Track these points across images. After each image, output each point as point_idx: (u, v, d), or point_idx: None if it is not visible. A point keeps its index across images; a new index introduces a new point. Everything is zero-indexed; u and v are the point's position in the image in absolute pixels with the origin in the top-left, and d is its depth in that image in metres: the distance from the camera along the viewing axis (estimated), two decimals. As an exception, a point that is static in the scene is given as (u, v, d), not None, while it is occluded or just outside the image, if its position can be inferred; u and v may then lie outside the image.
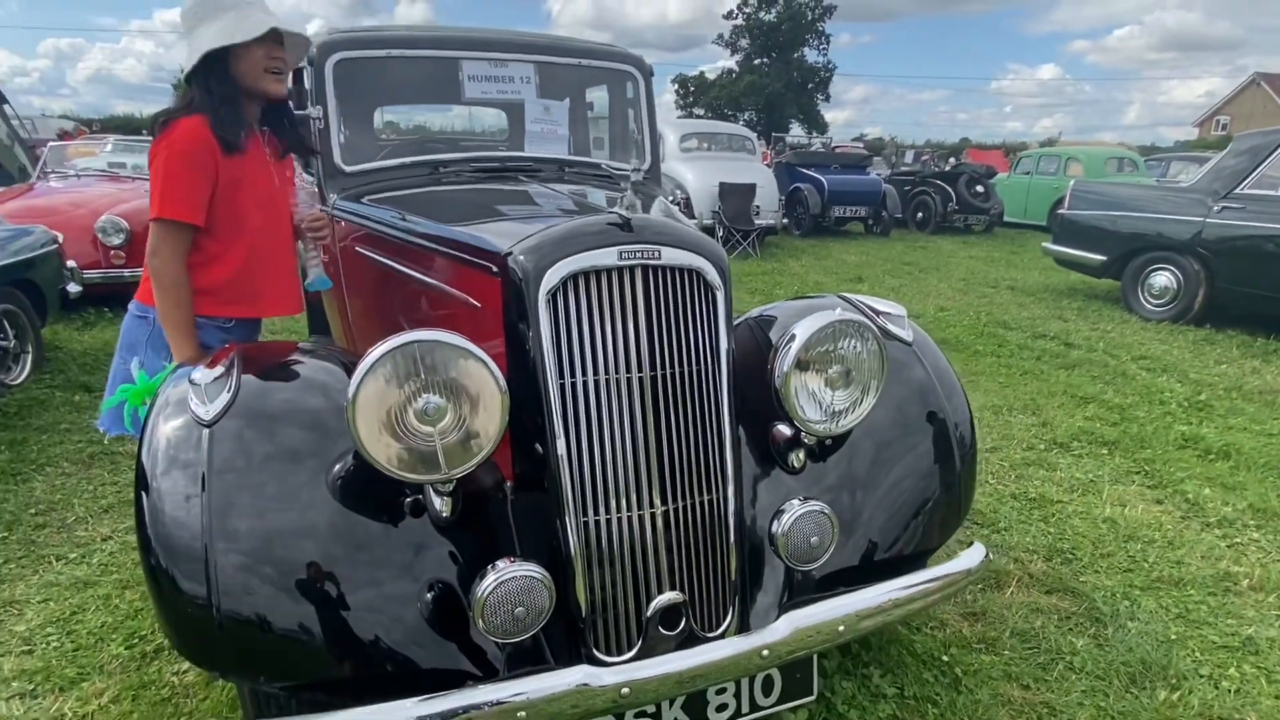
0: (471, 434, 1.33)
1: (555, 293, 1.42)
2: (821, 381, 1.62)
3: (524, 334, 1.45)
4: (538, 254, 1.44)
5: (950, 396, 1.90)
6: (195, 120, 1.78)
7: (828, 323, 1.57)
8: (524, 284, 1.44)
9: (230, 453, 1.35)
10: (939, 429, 1.86)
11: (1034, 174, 14.00)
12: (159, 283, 1.81)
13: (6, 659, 2.01)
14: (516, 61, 2.77)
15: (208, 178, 1.79)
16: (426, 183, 2.58)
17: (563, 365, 1.42)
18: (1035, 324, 6.09)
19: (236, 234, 1.91)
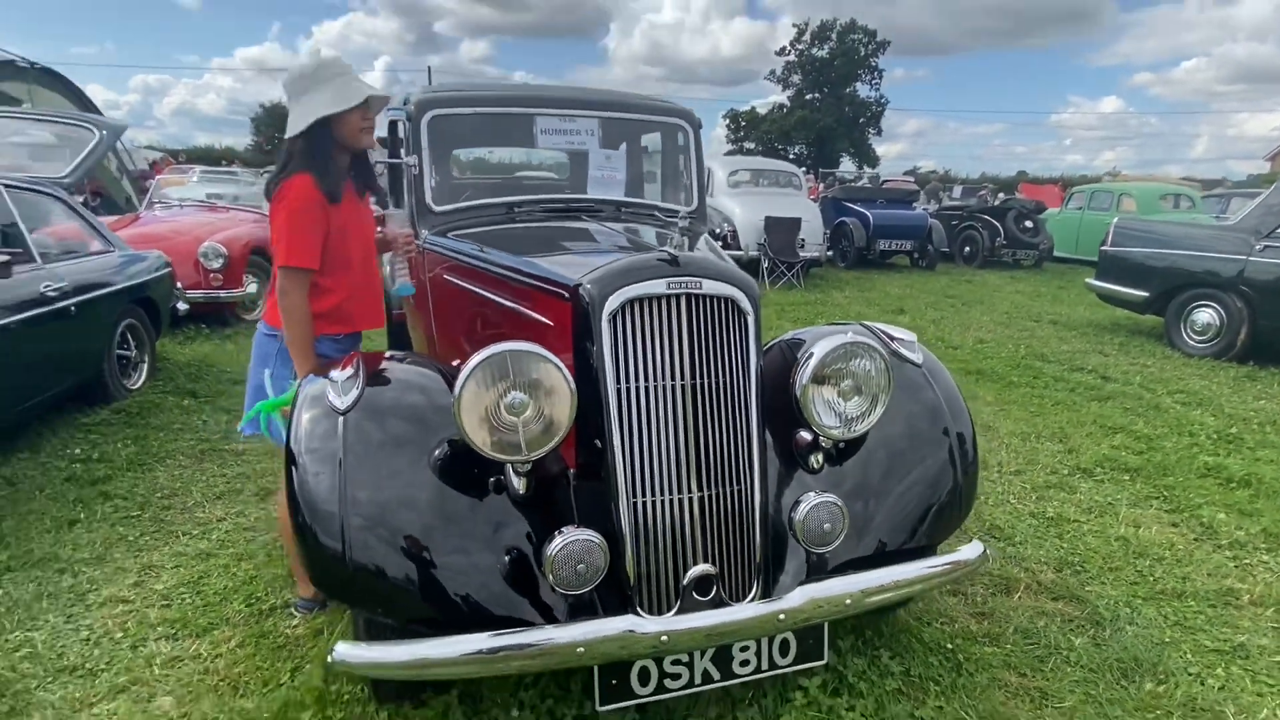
0: (547, 423, 1.68)
1: (615, 315, 1.77)
2: (835, 393, 1.92)
3: (589, 348, 1.80)
4: (602, 284, 1.80)
5: (955, 413, 2.17)
6: (304, 179, 2.14)
7: (841, 344, 1.89)
8: (590, 308, 1.79)
9: (358, 436, 1.73)
10: (944, 441, 2.13)
11: (1086, 209, 13.94)
12: (288, 317, 2.18)
13: (152, 609, 2.42)
14: (583, 117, 3.18)
15: (320, 228, 2.16)
16: (503, 220, 2.99)
17: (619, 373, 1.76)
18: (1074, 358, 6.21)
19: (343, 270, 2.28)
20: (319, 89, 2.15)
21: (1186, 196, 13.79)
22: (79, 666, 2.14)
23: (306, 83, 2.16)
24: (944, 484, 2.10)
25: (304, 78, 2.16)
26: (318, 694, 1.97)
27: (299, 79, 2.17)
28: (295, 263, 2.13)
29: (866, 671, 2.13)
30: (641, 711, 1.94)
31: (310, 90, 2.15)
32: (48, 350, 3.64)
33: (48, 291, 3.63)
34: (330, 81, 2.16)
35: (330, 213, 2.19)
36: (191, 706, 1.98)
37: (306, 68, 2.17)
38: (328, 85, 2.16)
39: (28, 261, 3.68)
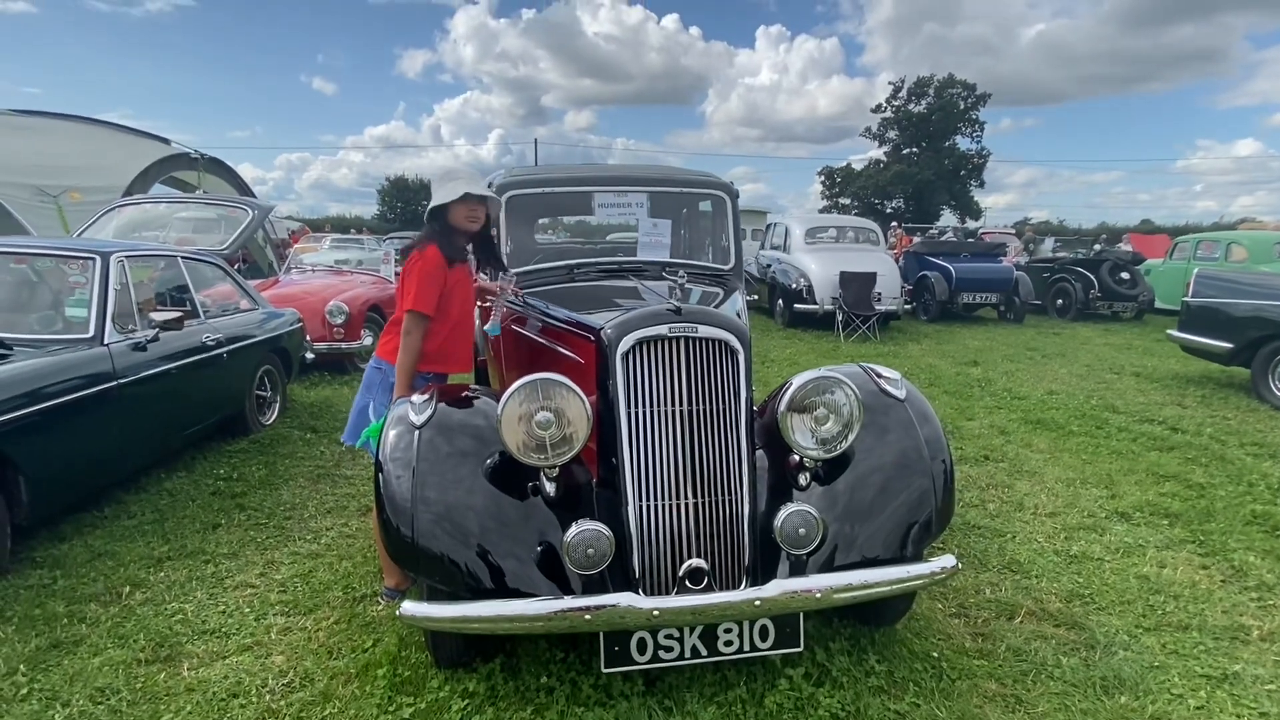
0: (567, 436, 2.14)
1: (628, 354, 2.24)
2: (812, 420, 2.30)
3: (608, 380, 2.27)
4: (618, 329, 2.27)
5: (936, 446, 2.47)
6: (434, 248, 2.76)
7: (814, 378, 2.27)
8: (609, 348, 2.27)
9: (429, 448, 2.25)
10: (921, 467, 2.44)
11: (1192, 259, 13.34)
12: (405, 350, 2.76)
13: (272, 593, 3.01)
14: (633, 192, 3.72)
15: (440, 285, 2.75)
16: (564, 279, 3.54)
17: (631, 400, 2.22)
18: (1147, 410, 6.12)
19: (445, 320, 2.85)
20: (441, 185, 2.80)
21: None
22: (217, 630, 2.73)
23: (441, 178, 2.83)
24: (924, 506, 2.40)
25: (442, 174, 2.86)
26: (392, 657, 2.47)
27: (440, 175, 2.87)
28: (420, 308, 2.72)
29: (851, 669, 2.42)
30: (649, 686, 2.32)
31: (445, 183, 2.81)
32: (205, 389, 4.46)
33: (207, 341, 4.48)
34: (449, 181, 2.80)
35: (448, 276, 2.78)
36: (297, 662, 2.52)
37: (443, 168, 2.87)
38: (446, 183, 2.79)
39: (194, 317, 4.55)
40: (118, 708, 2.26)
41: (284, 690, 2.37)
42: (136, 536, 3.50)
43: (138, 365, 3.75)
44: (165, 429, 4.13)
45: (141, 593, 2.99)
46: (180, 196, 8.30)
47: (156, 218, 7.52)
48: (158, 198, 8.13)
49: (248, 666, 2.50)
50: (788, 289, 10.72)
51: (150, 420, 3.93)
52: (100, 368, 3.51)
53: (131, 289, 3.98)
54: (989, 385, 7.06)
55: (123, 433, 3.69)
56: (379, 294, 8.03)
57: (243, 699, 2.32)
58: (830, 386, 2.29)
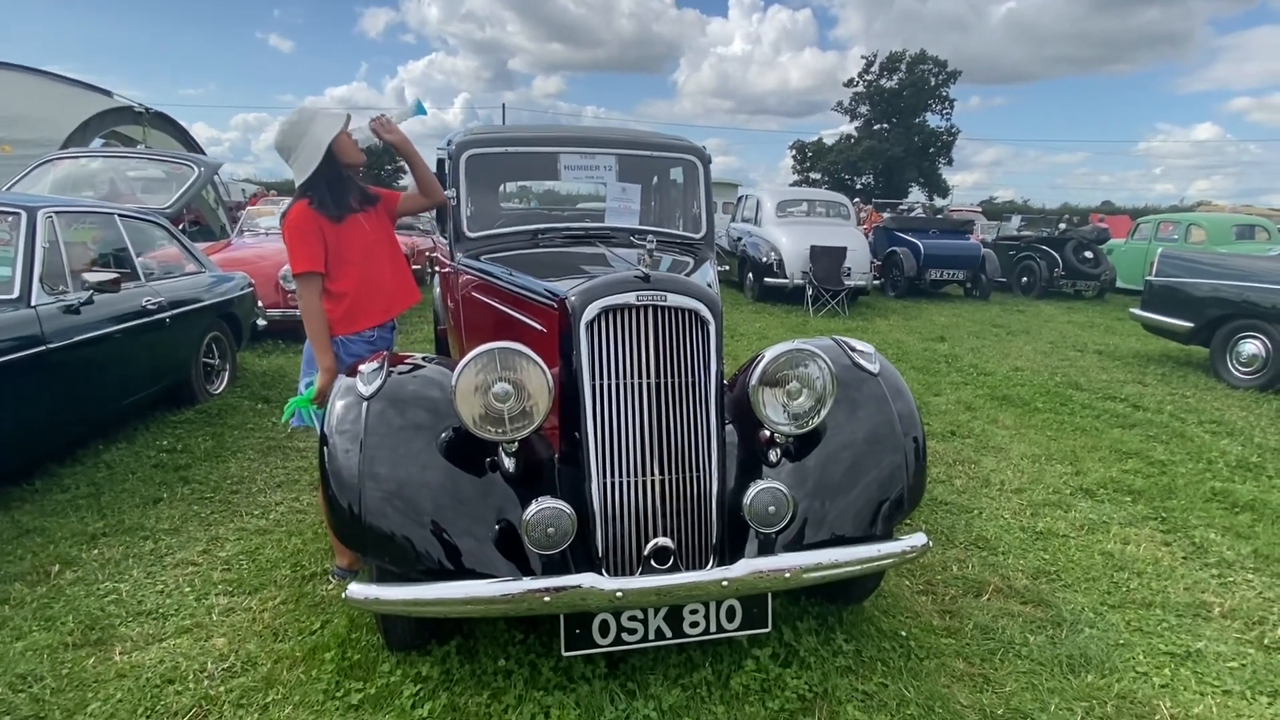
0: (527, 409, 2.02)
1: (593, 322, 2.11)
2: (784, 394, 2.20)
3: (571, 350, 2.14)
4: (582, 296, 2.14)
5: (909, 421, 2.40)
6: (300, 204, 2.57)
7: (786, 349, 2.17)
8: (573, 316, 2.13)
9: (378, 420, 2.10)
10: (893, 443, 2.36)
11: (1153, 240, 13.58)
12: (305, 316, 2.60)
13: (215, 571, 2.85)
14: (601, 154, 3.56)
15: (317, 239, 2.56)
16: (528, 245, 3.38)
17: (595, 372, 2.09)
18: (1109, 387, 6.19)
19: (346, 275, 2.64)
20: (306, 132, 2.57)
21: (1262, 227, 13.26)
22: (154, 611, 2.57)
23: (303, 128, 2.58)
24: (895, 483, 2.33)
25: (297, 125, 2.58)
26: (340, 640, 2.35)
27: (293, 128, 2.58)
28: (304, 268, 2.56)
29: (819, 649, 2.36)
30: (612, 669, 2.23)
31: (303, 136, 2.57)
32: (145, 356, 4.22)
33: (148, 305, 4.23)
34: (315, 119, 2.58)
35: (328, 229, 2.59)
36: (240, 645, 2.38)
37: (292, 118, 2.60)
38: (314, 124, 2.58)
39: (134, 280, 4.28)
40: (40, 695, 2.11)
41: (224, 675, 2.23)
42: (69, 511, 3.29)
43: (69, 329, 3.51)
44: (101, 398, 3.90)
45: (72, 571, 2.81)
46: (121, 151, 7.84)
47: (95, 174, 7.10)
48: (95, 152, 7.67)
49: (185, 650, 2.35)
50: (758, 262, 10.63)
51: (84, 388, 3.69)
52: (26, 331, 3.27)
53: (63, 248, 3.72)
54: (956, 361, 7.08)
55: (54, 401, 3.46)
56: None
57: (179, 685, 2.18)
58: (804, 359, 2.19)
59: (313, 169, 2.57)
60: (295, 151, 2.59)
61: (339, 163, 2.65)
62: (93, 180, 7.13)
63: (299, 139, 2.59)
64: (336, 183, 2.63)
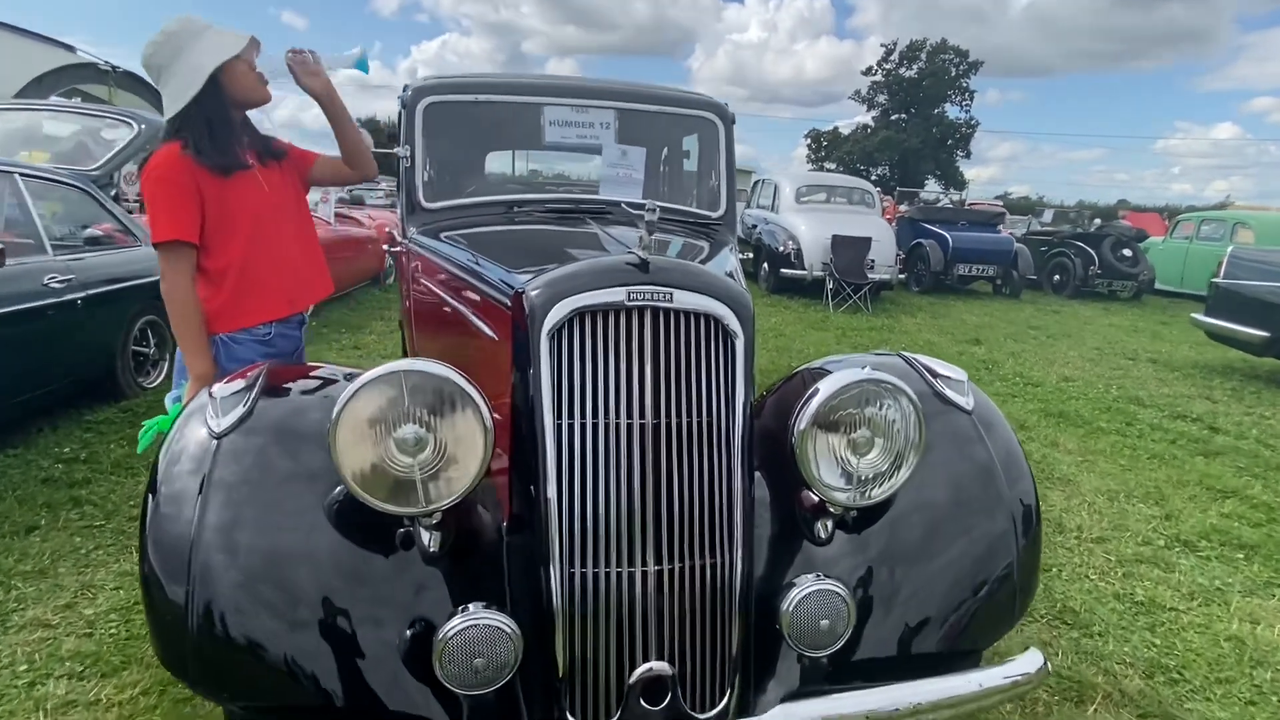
0: (452, 468, 1.30)
1: (560, 330, 1.39)
2: (846, 445, 1.48)
3: (527, 372, 1.42)
4: (546, 291, 1.42)
5: (1014, 476, 1.69)
6: (169, 148, 1.86)
7: (855, 381, 1.44)
8: (530, 320, 1.41)
9: (234, 468, 1.39)
10: (997, 511, 1.65)
11: (1194, 239, 12.73)
12: (168, 303, 1.90)
13: (69, 639, 2.16)
14: (597, 107, 2.82)
15: (191, 197, 1.85)
16: (500, 221, 2.64)
17: (560, 405, 1.37)
18: (1175, 403, 5.44)
19: (228, 249, 1.95)
20: (192, 46, 1.85)
21: (1315, 228, 12.41)
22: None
23: (180, 43, 1.85)
24: (995, 568, 1.62)
25: (174, 38, 1.86)
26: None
27: (167, 42, 1.86)
28: (169, 236, 1.85)
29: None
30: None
31: (185, 50, 1.85)
32: (47, 344, 3.52)
33: (52, 283, 3.52)
34: (201, 36, 1.87)
35: (206, 183, 1.88)
36: (60, 770, 1.68)
37: (170, 27, 1.87)
38: (201, 39, 1.86)
39: (37, 253, 3.58)
40: None
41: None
42: (-90, 543, 2.61)
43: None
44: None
45: (-126, 637, 2.12)
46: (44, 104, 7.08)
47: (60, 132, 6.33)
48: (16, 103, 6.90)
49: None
50: (774, 252, 9.87)
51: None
52: None
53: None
54: (997, 368, 6.33)
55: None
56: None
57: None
58: (880, 395, 1.46)
59: (187, 99, 1.85)
60: (167, 73, 1.87)
61: (228, 97, 1.93)
62: (56, 139, 6.39)
63: (173, 57, 1.88)
64: (222, 125, 1.92)
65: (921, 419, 1.46)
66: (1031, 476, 1.73)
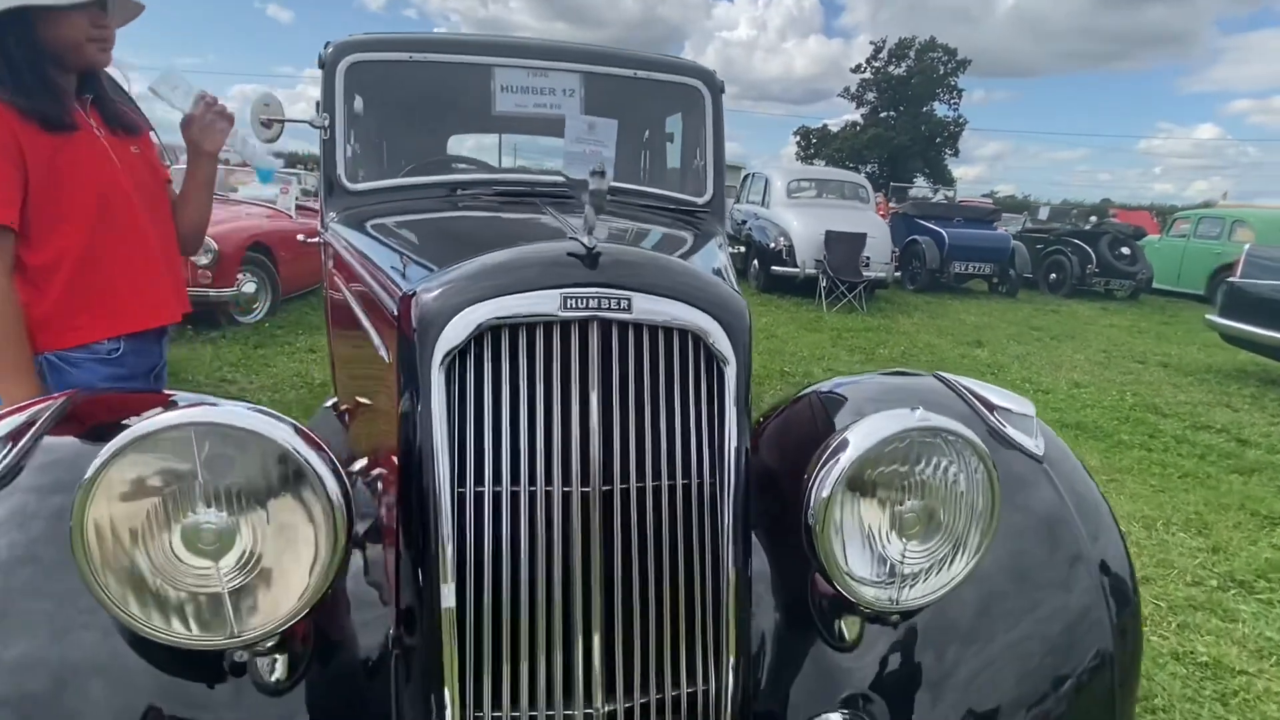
0: (276, 577, 0.84)
1: (462, 353, 0.93)
2: (885, 519, 1.02)
3: (414, 412, 0.96)
4: (440, 295, 0.96)
5: (1101, 540, 1.25)
6: None
7: (901, 430, 0.98)
8: (417, 340, 0.95)
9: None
10: (1081, 585, 1.21)
11: (1191, 237, 12.43)
12: None
13: None
14: (559, 70, 2.35)
15: (14, 164, 1.39)
16: (440, 207, 2.16)
17: (462, 465, 0.92)
18: (1196, 412, 5.05)
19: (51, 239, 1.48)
20: None
21: (1315, 227, 12.13)
22: None
23: None
24: (1084, 665, 1.19)
25: None
26: None
27: None
28: None
29: None
30: None
31: None
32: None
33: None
34: None
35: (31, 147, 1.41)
36: None
37: None
38: None
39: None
40: None
41: None
42: None
43: None
44: None
45: None
46: None
47: None
48: None
49: None
50: (765, 248, 9.43)
51: None
52: None
53: None
54: (1003, 373, 5.93)
55: None
56: (270, 228, 6.54)
57: None
58: (936, 451, 1.01)
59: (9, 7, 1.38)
60: None
61: (44, 41, 1.45)
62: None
63: None
64: (33, 64, 1.44)
65: (996, 484, 1.01)
66: (1123, 539, 1.29)
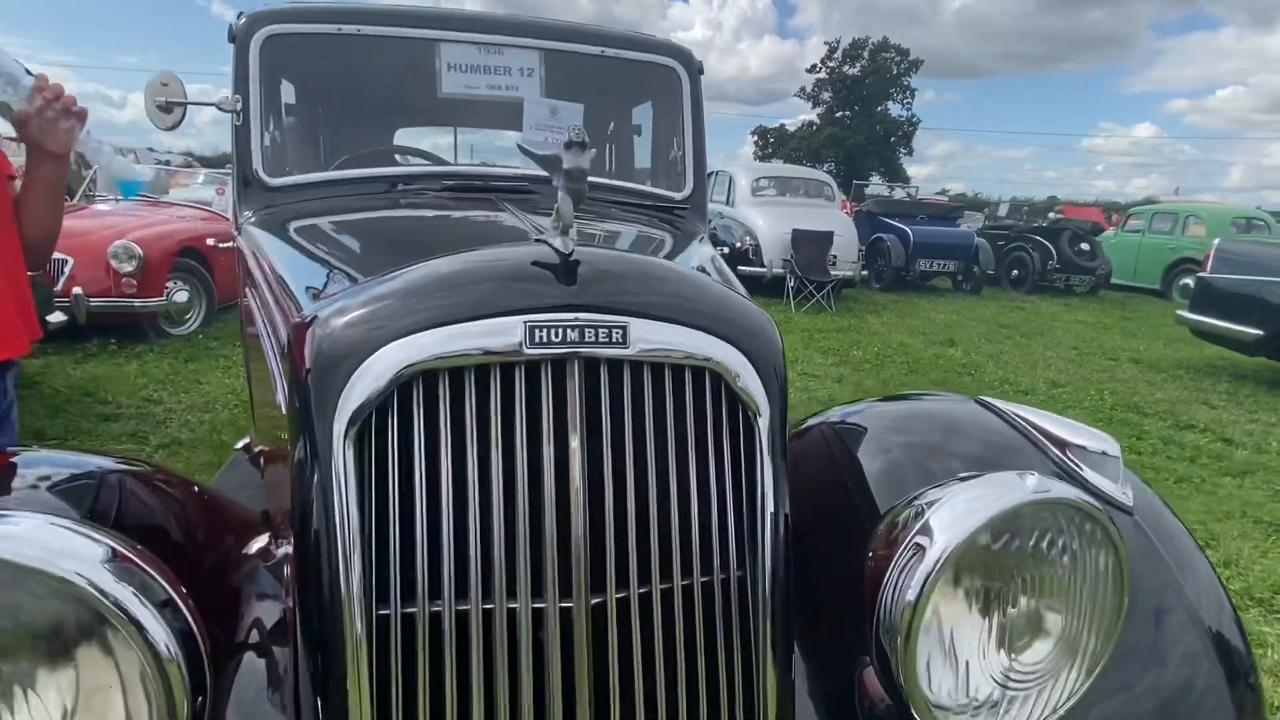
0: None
1: (380, 411, 0.63)
2: (985, 628, 0.75)
3: (311, 496, 0.66)
4: (351, 325, 0.66)
5: (1209, 606, 1.01)
6: None
7: (1015, 506, 0.71)
8: (312, 386, 0.65)
9: None
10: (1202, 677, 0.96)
11: (1146, 232, 12.61)
12: None
13: None
14: (515, 47, 2.05)
15: None
16: (376, 205, 1.84)
17: (382, 575, 0.62)
18: (1176, 410, 4.95)
19: None
20: None
21: (1260, 221, 12.41)
22: None
23: None
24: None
25: None
26: None
27: None
28: None
29: None
30: None
31: None
32: None
33: None
34: None
35: None
36: None
37: None
38: None
39: None
40: None
41: None
42: None
43: None
44: None
45: None
46: None
47: None
48: None
49: None
50: (731, 248, 9.20)
51: None
52: None
53: None
54: (979, 373, 5.78)
55: None
56: (204, 231, 6.05)
57: None
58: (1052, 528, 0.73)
59: None
60: None
61: None
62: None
63: None
64: None
65: (1126, 574, 0.74)
66: (1228, 597, 1.06)
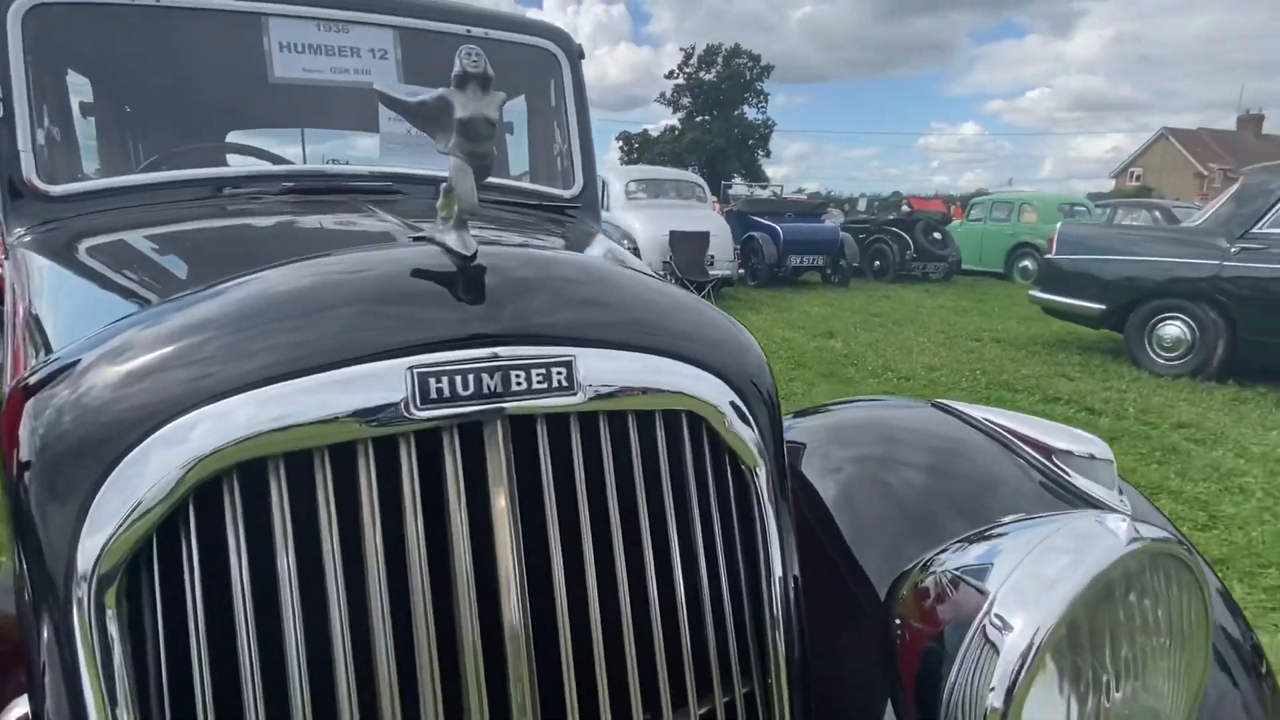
0: None
1: (170, 522, 0.37)
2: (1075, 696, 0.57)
3: (38, 669, 0.37)
4: (113, 389, 0.38)
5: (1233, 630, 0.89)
6: None
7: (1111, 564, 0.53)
8: (32, 504, 0.37)
9: None
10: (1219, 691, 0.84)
11: (987, 221, 13.67)
12: None
13: None
14: (365, 25, 1.74)
15: None
16: (197, 214, 1.48)
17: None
18: (1042, 384, 5.25)
19: None
20: None
21: (1081, 206, 13.77)
22: None
23: None
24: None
25: None
26: None
27: None
28: None
29: None
30: None
31: None
32: None
33: None
34: None
35: None
36: None
37: None
38: None
39: None
40: None
41: None
42: None
43: None
44: None
45: None
46: None
47: None
48: None
49: None
50: (608, 251, 9.06)
51: None
52: None
53: None
54: (861, 362, 5.91)
55: None
56: None
57: None
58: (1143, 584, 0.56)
59: None
60: None
61: None
62: None
63: None
64: None
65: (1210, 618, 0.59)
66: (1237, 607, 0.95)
